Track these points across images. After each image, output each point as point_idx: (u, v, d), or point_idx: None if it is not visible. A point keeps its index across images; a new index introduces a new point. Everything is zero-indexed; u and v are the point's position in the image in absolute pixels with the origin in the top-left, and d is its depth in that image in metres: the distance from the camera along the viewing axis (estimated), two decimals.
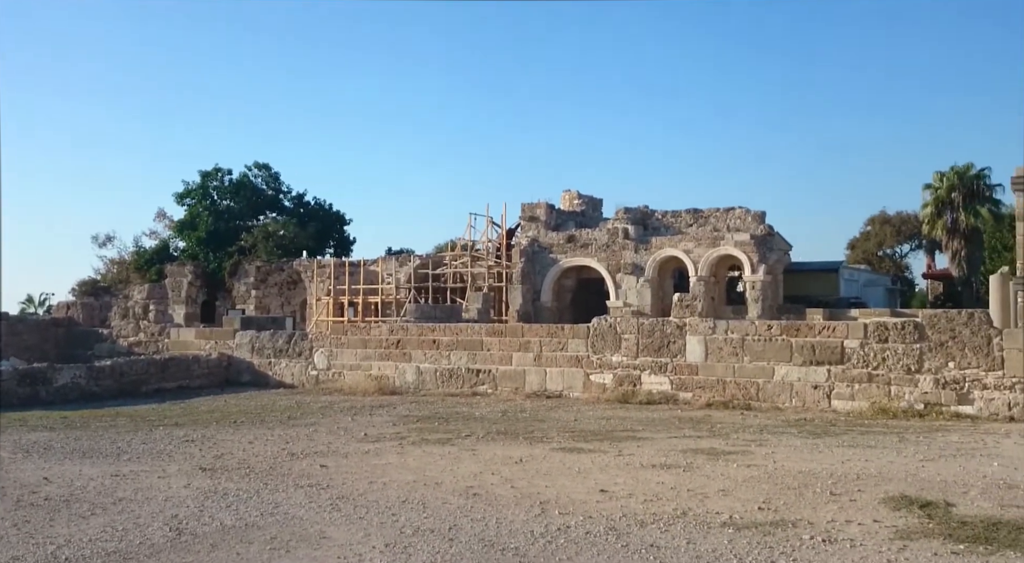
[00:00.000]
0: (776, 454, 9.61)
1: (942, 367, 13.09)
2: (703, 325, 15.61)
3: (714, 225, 30.86)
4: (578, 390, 16.33)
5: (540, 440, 10.83)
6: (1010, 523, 6.26)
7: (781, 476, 8.26)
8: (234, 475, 8.71)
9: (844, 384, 13.87)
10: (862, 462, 9.01)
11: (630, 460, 9.25)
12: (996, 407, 12.55)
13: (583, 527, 6.39)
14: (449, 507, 7.13)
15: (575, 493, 7.59)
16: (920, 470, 8.52)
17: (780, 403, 14.34)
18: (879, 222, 52.81)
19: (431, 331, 18.51)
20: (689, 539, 6.00)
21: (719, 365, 15.13)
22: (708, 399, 14.90)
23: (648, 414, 13.71)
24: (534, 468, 8.86)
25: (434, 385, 17.83)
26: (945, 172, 37.21)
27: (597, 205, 36.59)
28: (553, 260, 31.86)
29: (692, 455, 9.54)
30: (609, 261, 30.72)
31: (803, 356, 14.32)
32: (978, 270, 36.45)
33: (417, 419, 13.24)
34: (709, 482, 8.00)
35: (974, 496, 7.26)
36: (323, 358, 19.38)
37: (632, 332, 16.13)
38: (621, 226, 30.98)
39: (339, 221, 51.41)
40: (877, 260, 50.70)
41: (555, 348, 16.79)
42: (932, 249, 45.37)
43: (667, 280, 31.23)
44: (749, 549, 5.73)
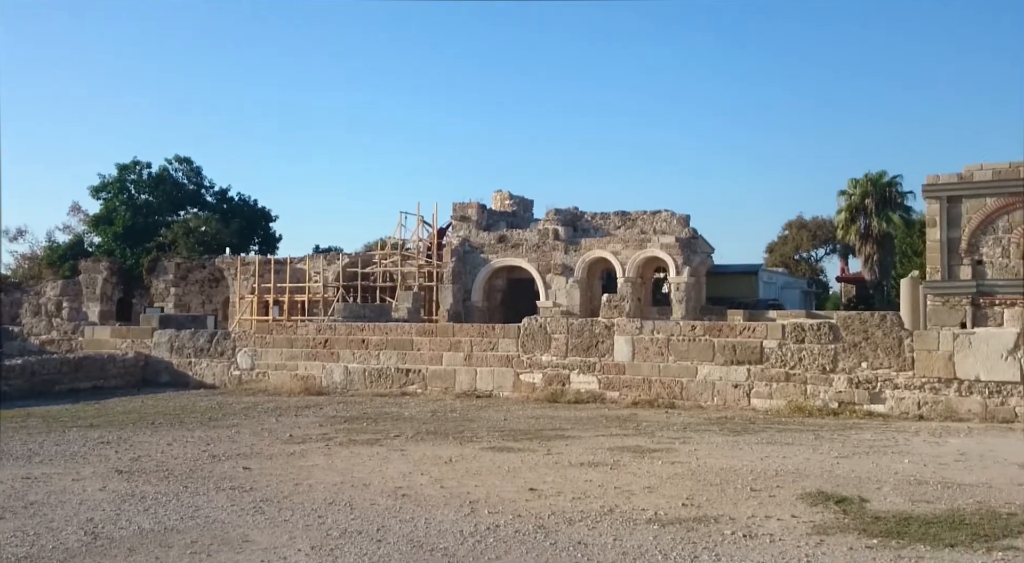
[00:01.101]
0: (699, 451, 9.84)
1: (855, 367, 13.63)
2: (630, 325, 15.87)
3: (641, 227, 31.43)
4: (508, 389, 16.38)
5: (470, 440, 10.82)
6: (920, 518, 6.55)
7: (704, 473, 8.46)
8: (152, 478, 8.43)
9: (763, 383, 14.31)
10: (780, 459, 9.30)
11: (559, 458, 9.33)
12: (906, 406, 13.14)
13: (512, 526, 6.42)
14: (377, 508, 7.06)
15: (505, 492, 7.61)
16: (835, 467, 8.84)
17: (703, 402, 14.69)
18: (796, 227, 54.74)
19: (360, 330, 18.29)
20: (616, 536, 6.09)
21: (645, 365, 15.41)
22: (634, 398, 15.15)
23: (577, 413, 13.86)
24: (464, 468, 8.85)
25: (363, 385, 17.62)
26: (859, 179, 38.78)
27: (528, 206, 36.82)
28: (484, 260, 31.90)
29: (619, 453, 9.68)
30: (539, 261, 30.94)
31: (724, 356, 14.70)
32: (890, 274, 38.09)
33: (345, 420, 13.06)
34: (635, 479, 8.14)
35: (887, 492, 7.57)
36: (247, 358, 18.93)
37: (562, 332, 16.28)
38: (551, 227, 31.24)
39: (264, 218, 50.32)
40: (794, 263, 52.53)
41: (486, 348, 16.81)
42: (846, 253, 47.26)
43: (596, 281, 31.66)
44: (673, 545, 5.85)
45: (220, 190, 48.86)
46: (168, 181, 46.35)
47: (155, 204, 45.42)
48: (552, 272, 30.70)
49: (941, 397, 12.87)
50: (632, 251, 29.65)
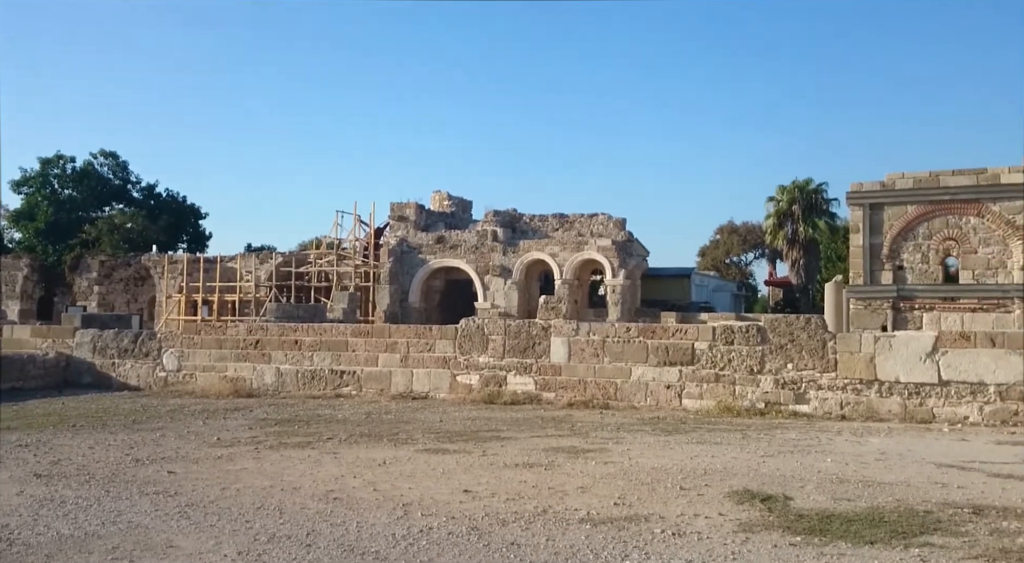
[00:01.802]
0: (631, 451, 9.97)
1: (782, 368, 14.02)
2: (567, 327, 15.99)
3: (579, 230, 31.72)
4: (444, 391, 16.32)
5: (405, 442, 10.74)
6: (842, 515, 6.76)
7: (635, 472, 8.58)
8: (72, 482, 8.11)
9: (694, 384, 14.59)
10: (709, 458, 9.50)
11: (494, 460, 9.34)
12: (829, 406, 13.57)
13: (446, 528, 6.39)
14: (308, 512, 6.94)
15: (439, 494, 7.58)
16: (761, 465, 9.07)
17: (636, 402, 14.89)
18: (727, 231, 56.12)
19: (293, 331, 17.96)
20: (549, 536, 6.12)
21: (581, 366, 15.55)
22: (570, 399, 15.27)
23: (513, 414, 13.89)
24: (398, 470, 8.78)
25: (295, 387, 17.31)
26: (787, 186, 39.92)
27: (467, 207, 36.78)
28: (422, 261, 31.72)
29: (553, 454, 9.74)
30: (478, 263, 30.93)
31: (658, 357, 14.94)
32: (815, 278, 39.32)
33: (275, 422, 12.81)
34: (569, 480, 8.20)
35: (810, 490, 7.78)
36: (173, 359, 18.40)
37: (499, 333, 16.30)
38: (490, 228, 31.28)
39: (193, 215, 49.07)
40: (724, 267, 53.84)
41: (422, 349, 16.71)
42: (774, 258, 48.63)
43: (534, 282, 31.82)
44: (604, 544, 5.91)
45: (147, 186, 47.47)
46: (93, 176, 44.81)
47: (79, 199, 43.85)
48: (490, 273, 30.73)
49: (863, 398, 13.34)
50: (570, 253, 29.90)
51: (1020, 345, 12.51)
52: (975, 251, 19.61)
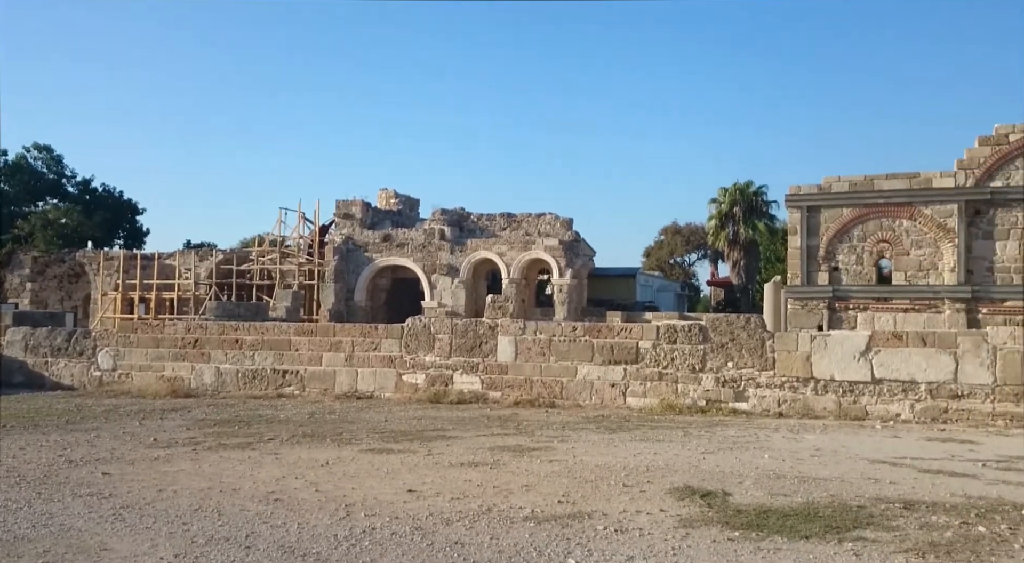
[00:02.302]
0: (576, 449, 10.05)
1: (722, 367, 14.30)
2: (514, 326, 16.03)
3: (526, 229, 31.83)
4: (390, 390, 16.21)
5: (349, 442, 10.63)
6: (778, 510, 6.91)
7: (580, 470, 8.65)
8: (2, 484, 7.82)
9: (638, 382, 14.77)
10: (651, 455, 9.63)
11: (439, 459, 9.31)
12: (767, 404, 13.89)
13: (389, 528, 6.35)
14: (247, 514, 6.82)
15: (382, 494, 7.52)
16: (702, 462, 9.23)
17: (581, 401, 15.02)
18: (671, 232, 56.98)
19: (234, 330, 17.62)
20: (493, 534, 6.13)
21: (527, 365, 15.61)
22: (516, 398, 15.32)
23: (459, 413, 13.87)
24: (341, 470, 8.68)
25: (235, 387, 16.99)
26: (728, 188, 40.73)
27: (414, 205, 36.58)
28: (368, 259, 31.44)
29: (499, 452, 9.76)
30: (425, 261, 30.79)
31: (603, 356, 15.09)
32: (755, 278, 40.23)
33: (215, 423, 12.55)
34: (514, 478, 8.22)
35: (748, 486, 7.95)
36: (109, 358, 17.88)
37: (446, 332, 16.25)
38: (438, 227, 31.17)
39: (131, 210, 47.76)
40: (669, 267, 54.66)
41: (368, 348, 16.56)
42: (716, 258, 49.60)
43: (481, 282, 31.82)
44: (548, 541, 5.95)
45: (83, 180, 46.01)
46: (26, 170, 43.26)
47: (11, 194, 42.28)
48: (438, 272, 30.63)
49: (799, 395, 13.69)
50: (517, 253, 29.99)
51: (950, 345, 12.99)
52: (907, 253, 20.30)
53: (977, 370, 12.73)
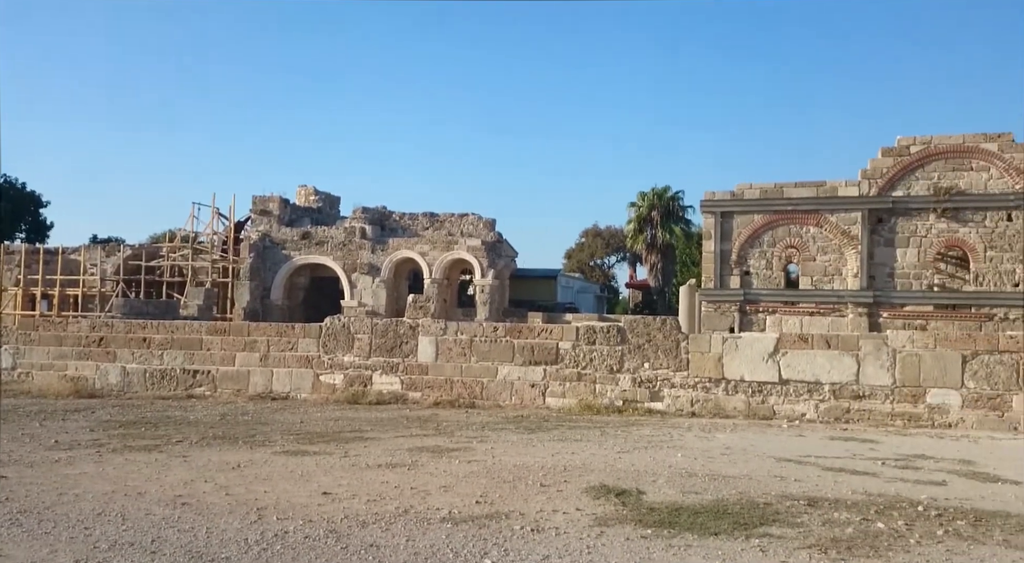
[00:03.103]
0: (495, 450, 10.08)
1: (639, 367, 14.59)
2: (435, 326, 15.96)
3: (449, 229, 31.73)
4: (307, 391, 15.91)
5: (262, 444, 10.38)
6: (690, 508, 7.09)
7: (498, 470, 8.67)
8: None
9: (557, 383, 14.93)
10: (569, 455, 9.75)
11: (356, 461, 9.19)
12: (681, 403, 14.24)
13: (302, 531, 6.23)
14: (153, 518, 6.58)
15: (296, 497, 7.37)
16: (617, 461, 9.40)
17: (502, 401, 15.08)
18: (592, 235, 57.79)
19: (142, 328, 16.98)
20: (409, 536, 6.09)
21: (448, 365, 15.57)
22: (436, 398, 15.26)
23: (377, 414, 13.72)
24: (253, 473, 8.47)
25: (143, 387, 16.38)
26: (647, 193, 41.58)
27: (335, 203, 35.99)
28: (286, 257, 30.76)
29: (417, 453, 9.70)
30: (345, 260, 30.33)
31: (524, 356, 15.19)
32: (671, 281, 41.18)
33: (120, 424, 12.06)
34: (432, 479, 8.18)
35: (661, 484, 8.13)
36: (8, 356, 16.98)
37: (365, 332, 16.06)
38: (359, 225, 30.75)
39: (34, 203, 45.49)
40: (589, 269, 55.42)
41: (284, 348, 16.21)
42: (634, 261, 50.55)
43: (402, 281, 31.55)
44: (465, 542, 5.94)
45: None
46: None
47: None
48: (358, 271, 30.22)
49: (711, 395, 14.09)
50: (440, 252, 29.86)
51: (852, 347, 13.60)
52: (814, 258, 21.15)
53: (877, 372, 13.36)
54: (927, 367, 13.15)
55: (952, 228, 20.08)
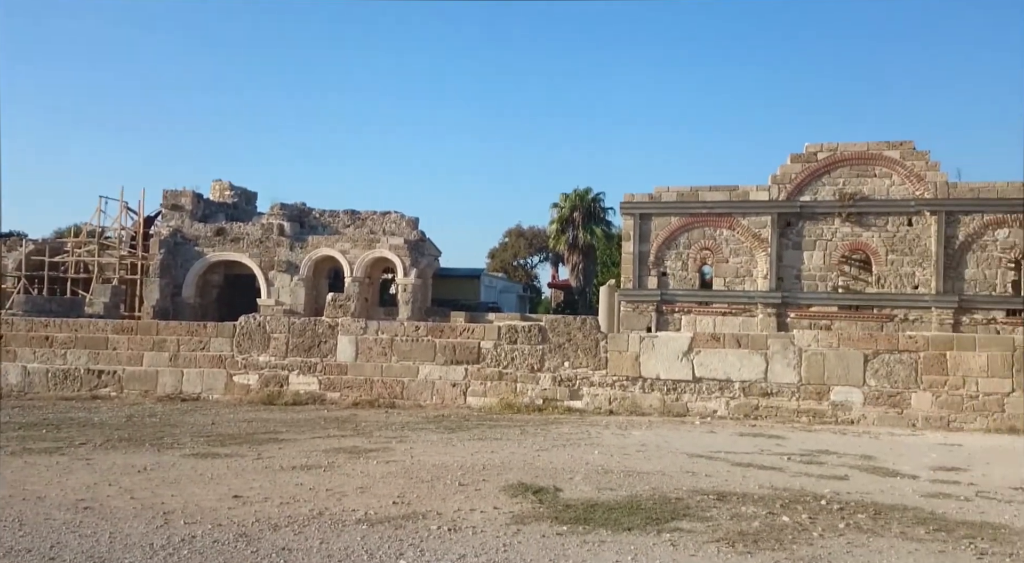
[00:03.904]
0: (414, 449, 10.02)
1: (559, 366, 14.75)
2: (355, 325, 15.76)
3: (371, 227, 31.37)
4: (219, 392, 15.48)
5: (170, 446, 10.04)
6: (605, 504, 7.20)
7: (417, 470, 8.63)
8: None
9: (479, 382, 14.96)
10: (488, 454, 9.77)
11: (269, 463, 8.98)
12: (600, 402, 14.46)
13: (211, 535, 6.05)
14: (53, 523, 6.28)
15: (205, 501, 7.15)
16: (536, 459, 9.48)
17: (422, 401, 15.00)
18: (515, 235, 58.10)
19: (44, 326, 16.19)
20: (323, 539, 5.99)
21: (368, 365, 15.39)
22: (355, 398, 15.07)
23: (294, 415, 13.46)
24: (160, 476, 8.18)
25: (45, 388, 15.62)
26: (569, 194, 42.09)
27: (251, 198, 35.10)
28: (199, 253, 29.82)
29: (334, 454, 9.56)
30: (262, 257, 29.62)
31: (445, 356, 15.15)
32: (592, 281, 41.82)
33: (20, 426, 11.47)
34: (348, 480, 8.08)
35: (578, 481, 8.24)
36: None
37: (282, 331, 15.73)
38: (276, 222, 30.07)
39: None
40: (512, 269, 55.69)
41: (195, 347, 15.72)
42: (557, 261, 51.07)
43: (322, 279, 31.02)
44: (380, 543, 5.89)
45: None
46: None
47: None
48: (276, 269, 29.56)
49: (628, 393, 14.36)
50: (361, 251, 29.49)
51: (761, 346, 14.08)
52: (727, 260, 21.81)
53: (785, 370, 13.88)
54: (831, 366, 13.73)
55: (856, 232, 21.01)
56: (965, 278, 20.20)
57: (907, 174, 20.67)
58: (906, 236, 20.71)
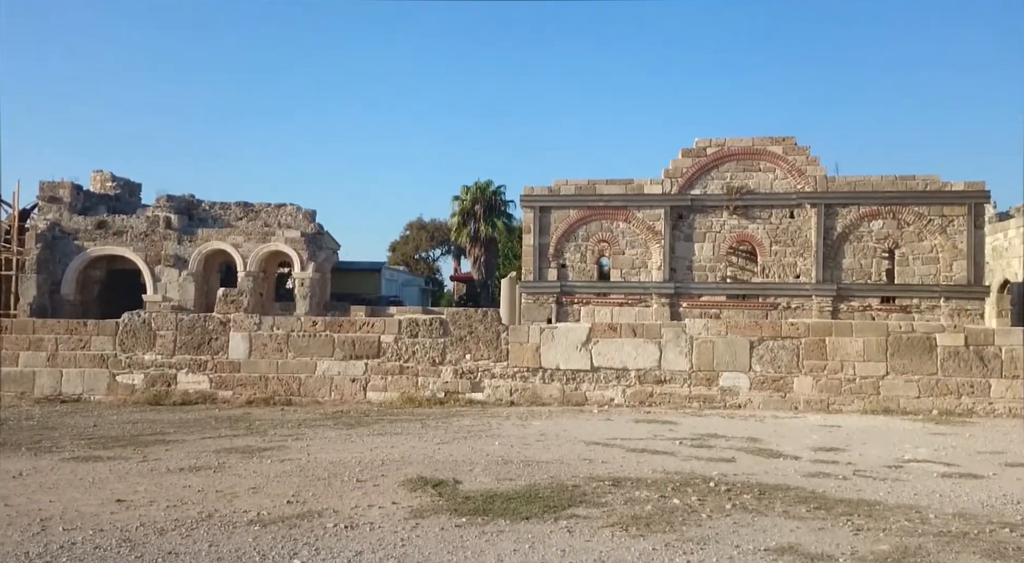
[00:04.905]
0: (311, 447, 9.83)
1: (461, 359, 14.77)
2: (248, 321, 15.30)
3: (265, 220, 30.44)
4: (102, 392, 14.75)
5: (48, 450, 9.49)
6: (504, 494, 7.27)
7: (313, 468, 8.47)
8: None
9: (379, 376, 14.80)
10: (388, 449, 9.69)
11: (155, 465, 8.62)
12: (501, 393, 14.58)
13: (92, 542, 5.76)
14: None
15: (86, 506, 6.80)
16: (436, 452, 9.47)
17: (321, 397, 14.73)
18: (416, 228, 57.69)
19: None
20: (212, 542, 5.79)
21: (263, 362, 14.98)
22: (249, 396, 14.65)
23: (183, 415, 12.96)
24: (37, 482, 7.72)
25: None
26: (470, 187, 42.10)
27: (135, 190, 33.46)
28: (79, 247, 28.21)
29: (226, 455, 9.26)
30: (148, 252, 28.28)
31: (344, 351, 14.91)
32: (494, 274, 42.02)
33: None
34: (240, 481, 7.84)
35: (478, 473, 8.28)
36: None
37: (169, 328, 15.10)
38: (163, 215, 28.76)
39: None
40: (414, 262, 55.29)
41: (75, 346, 14.91)
42: (459, 254, 51.04)
43: (213, 274, 29.90)
44: (273, 544, 5.75)
45: None
46: None
47: None
48: (163, 263, 28.28)
49: (529, 384, 14.53)
50: (255, 244, 28.57)
51: (655, 335, 14.51)
52: (623, 252, 22.34)
53: (677, 358, 14.35)
54: (720, 353, 14.30)
55: (743, 224, 21.90)
56: (843, 267, 21.38)
57: (789, 168, 21.68)
58: (788, 228, 21.73)
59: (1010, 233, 25.47)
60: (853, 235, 21.49)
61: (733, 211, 21.83)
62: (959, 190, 21.08)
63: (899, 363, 13.87)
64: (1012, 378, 13.56)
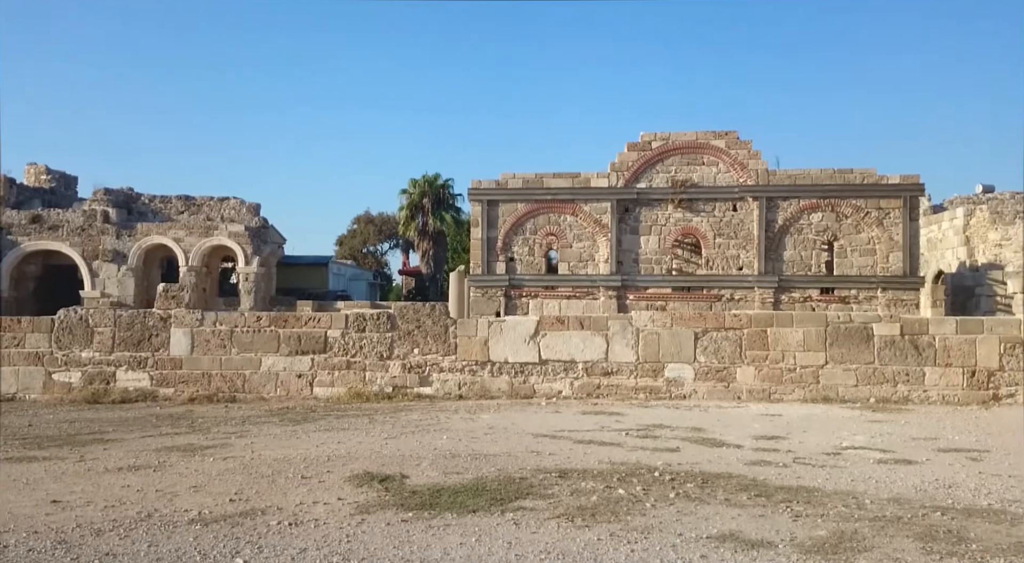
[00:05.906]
0: (255, 444, 9.68)
1: (409, 353, 14.70)
2: (190, 317, 14.98)
3: (208, 214, 29.82)
4: (37, 391, 14.30)
5: None
6: (451, 488, 7.27)
7: (257, 465, 8.34)
8: None
9: (326, 372, 14.64)
10: (335, 445, 9.60)
11: (93, 465, 8.39)
12: (449, 387, 14.55)
13: (25, 544, 5.58)
14: None
15: (20, 508, 6.59)
16: (384, 447, 9.41)
17: (266, 393, 14.51)
18: (364, 221, 57.08)
19: None
20: (151, 542, 5.67)
21: (206, 358, 14.69)
22: (192, 394, 14.37)
23: (122, 414, 12.64)
24: None
25: None
26: (418, 180, 41.81)
27: (71, 183, 32.47)
28: (13, 242, 27.24)
29: (166, 453, 9.06)
30: (85, 246, 27.45)
31: (290, 346, 14.71)
32: (443, 268, 41.84)
33: None
34: (181, 480, 7.69)
35: (425, 467, 8.26)
36: None
37: (108, 325, 14.70)
38: (101, 208, 27.94)
39: None
40: (362, 256, 54.72)
41: (8, 344, 14.44)
42: (407, 248, 50.66)
43: (154, 270, 29.18)
44: (215, 543, 5.65)
45: None
46: None
47: None
48: (101, 258, 27.49)
49: (478, 378, 14.54)
50: (197, 239, 27.95)
51: (602, 328, 14.64)
52: (571, 245, 22.47)
53: (624, 350, 14.51)
54: (665, 344, 14.50)
55: (687, 217, 22.22)
56: (784, 259, 21.86)
57: (732, 162, 22.06)
58: (731, 221, 22.12)
59: (944, 225, 26.37)
60: (794, 228, 21.97)
61: (678, 204, 22.13)
62: (895, 183, 21.71)
63: (838, 353, 14.25)
64: (945, 366, 14.05)
